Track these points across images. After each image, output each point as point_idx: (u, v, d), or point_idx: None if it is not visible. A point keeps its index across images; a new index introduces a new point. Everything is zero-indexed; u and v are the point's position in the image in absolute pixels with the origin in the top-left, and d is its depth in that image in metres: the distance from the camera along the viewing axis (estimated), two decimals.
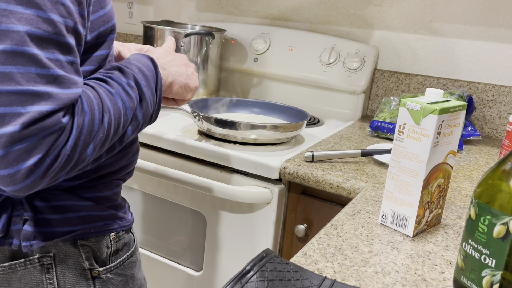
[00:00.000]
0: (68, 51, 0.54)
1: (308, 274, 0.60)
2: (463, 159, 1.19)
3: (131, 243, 0.80)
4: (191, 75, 0.80)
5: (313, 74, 1.55)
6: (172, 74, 0.75)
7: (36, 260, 0.68)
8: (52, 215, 0.67)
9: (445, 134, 0.70)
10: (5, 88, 0.49)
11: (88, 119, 0.55)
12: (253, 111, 1.37)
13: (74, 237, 0.70)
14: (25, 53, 0.50)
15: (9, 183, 0.51)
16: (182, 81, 0.77)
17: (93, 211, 0.71)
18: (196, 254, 1.22)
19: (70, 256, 0.70)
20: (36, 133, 0.50)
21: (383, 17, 1.52)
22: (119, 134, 0.61)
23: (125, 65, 0.64)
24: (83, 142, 0.55)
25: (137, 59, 0.67)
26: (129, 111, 0.61)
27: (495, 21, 1.37)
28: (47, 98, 0.50)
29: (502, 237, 0.53)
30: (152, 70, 0.67)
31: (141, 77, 0.64)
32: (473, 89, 1.42)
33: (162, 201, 1.24)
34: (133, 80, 0.63)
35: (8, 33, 0.49)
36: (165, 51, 0.80)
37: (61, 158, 0.53)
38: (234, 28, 1.69)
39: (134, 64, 0.65)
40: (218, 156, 1.10)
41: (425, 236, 0.75)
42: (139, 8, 2.01)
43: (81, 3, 0.57)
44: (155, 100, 0.66)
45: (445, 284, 0.63)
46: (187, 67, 0.80)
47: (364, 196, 0.89)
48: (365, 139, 1.29)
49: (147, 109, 0.65)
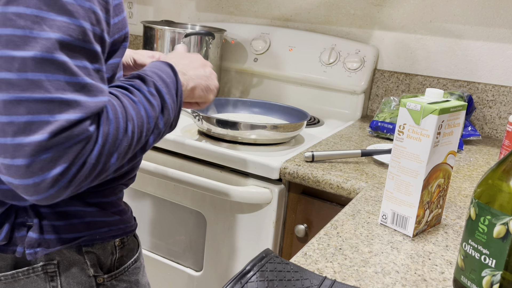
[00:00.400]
0: (95, 59, 0.54)
1: (308, 274, 0.60)
2: (463, 159, 1.19)
3: (135, 248, 0.79)
4: (210, 76, 0.78)
5: (313, 74, 1.55)
6: (193, 78, 0.74)
7: (40, 268, 0.67)
8: (57, 222, 0.66)
9: (445, 134, 0.70)
10: (34, 96, 0.48)
11: (113, 128, 0.54)
12: (253, 111, 1.37)
13: (79, 243, 0.69)
14: (54, 60, 0.49)
15: (34, 192, 0.50)
16: (202, 84, 0.76)
17: (98, 217, 0.70)
18: (196, 254, 1.22)
19: (74, 263, 0.69)
20: (63, 142, 0.49)
21: (383, 17, 1.52)
22: (141, 143, 0.60)
23: (146, 73, 0.64)
24: (107, 151, 0.54)
25: (157, 66, 0.66)
26: (152, 119, 0.60)
27: (495, 21, 1.37)
28: (76, 106, 0.50)
29: (502, 237, 0.53)
30: (172, 77, 0.66)
31: (162, 85, 0.63)
32: (473, 89, 1.42)
33: (162, 201, 1.24)
34: (154, 88, 0.62)
35: (39, 39, 0.48)
36: (179, 55, 0.79)
37: (86, 168, 0.52)
38: (234, 28, 1.69)
39: (154, 71, 0.64)
40: (218, 156, 1.10)
41: (425, 236, 0.75)
42: (139, 8, 2.01)
43: (108, 10, 0.56)
44: (175, 107, 0.65)
45: (445, 284, 0.63)
46: (205, 68, 0.78)
47: (364, 196, 0.89)
48: (365, 139, 1.29)
49: (169, 117, 0.64)
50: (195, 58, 0.79)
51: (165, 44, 1.48)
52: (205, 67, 0.79)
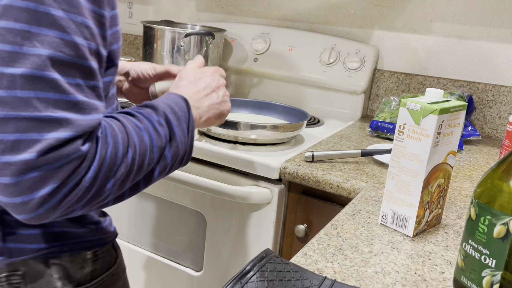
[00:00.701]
0: (90, 75, 0.52)
1: (308, 274, 0.60)
2: (463, 159, 1.19)
3: (113, 261, 0.74)
4: (223, 99, 0.77)
5: (313, 74, 1.55)
6: (206, 111, 0.73)
7: (4, 279, 0.63)
8: (22, 230, 0.62)
9: (445, 134, 0.70)
10: (22, 114, 0.47)
11: (111, 152, 0.53)
12: (253, 111, 1.37)
13: (46, 255, 0.65)
14: (45, 78, 0.48)
15: (22, 211, 0.49)
16: (216, 113, 0.75)
17: (68, 228, 0.66)
18: (196, 254, 1.22)
19: (41, 275, 0.65)
20: (52, 161, 0.48)
21: (383, 17, 1.52)
22: (143, 171, 0.58)
23: (158, 103, 0.62)
24: (103, 176, 0.52)
25: (170, 98, 0.65)
26: (156, 148, 0.58)
27: (495, 21, 1.37)
28: (66, 124, 0.48)
29: (502, 237, 0.53)
30: (185, 111, 0.65)
31: (173, 117, 0.62)
32: (473, 89, 1.42)
33: (162, 201, 1.24)
34: (164, 119, 0.60)
35: (30, 56, 0.47)
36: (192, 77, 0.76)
37: (78, 189, 0.50)
38: (234, 28, 1.69)
39: (166, 103, 0.63)
40: (218, 156, 1.10)
41: (425, 236, 0.75)
42: (139, 8, 2.01)
43: (104, 24, 0.54)
44: (186, 141, 0.64)
45: (445, 284, 0.63)
46: (218, 91, 0.76)
47: (364, 196, 0.89)
48: (365, 139, 1.29)
49: (177, 150, 0.62)
50: (209, 80, 0.76)
51: (165, 44, 1.48)
52: (218, 89, 0.77)
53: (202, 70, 0.78)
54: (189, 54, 1.49)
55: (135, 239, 1.32)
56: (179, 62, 1.48)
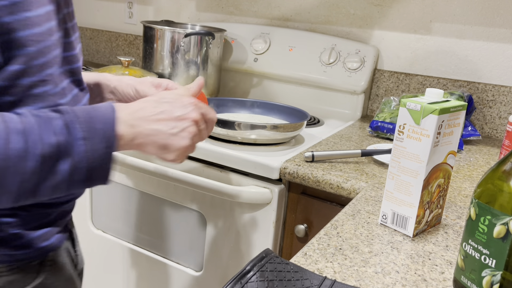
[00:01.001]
0: None
1: (308, 274, 0.60)
2: (463, 159, 1.19)
3: (28, 283, 0.65)
4: (178, 133, 0.63)
5: (313, 74, 1.55)
6: (146, 134, 0.61)
7: None
8: None
9: (445, 134, 0.70)
10: None
11: None
12: (253, 111, 1.37)
13: None
14: None
15: None
16: (158, 141, 0.62)
17: None
18: (196, 254, 1.22)
19: None
20: None
21: (383, 17, 1.52)
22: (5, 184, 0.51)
23: (74, 109, 0.56)
24: None
25: (98, 107, 0.58)
26: (33, 156, 0.51)
27: (495, 21, 1.37)
28: None
29: (502, 237, 0.53)
30: (110, 123, 0.57)
31: (82, 127, 0.55)
32: (473, 89, 1.42)
33: (162, 201, 1.24)
34: (65, 127, 0.54)
35: None
36: (158, 101, 0.64)
37: None
38: (234, 28, 1.69)
39: (87, 111, 0.56)
40: (218, 156, 1.10)
41: (425, 236, 0.75)
42: (139, 8, 2.01)
43: None
44: (96, 156, 0.56)
45: (445, 284, 0.63)
46: (179, 122, 0.63)
47: (364, 196, 0.89)
48: (365, 139, 1.29)
49: (77, 164, 0.54)
50: (176, 107, 0.64)
51: (165, 44, 1.48)
52: (181, 121, 0.63)
53: (180, 97, 0.66)
54: (189, 54, 1.49)
55: (135, 239, 1.32)
56: (179, 62, 1.48)
